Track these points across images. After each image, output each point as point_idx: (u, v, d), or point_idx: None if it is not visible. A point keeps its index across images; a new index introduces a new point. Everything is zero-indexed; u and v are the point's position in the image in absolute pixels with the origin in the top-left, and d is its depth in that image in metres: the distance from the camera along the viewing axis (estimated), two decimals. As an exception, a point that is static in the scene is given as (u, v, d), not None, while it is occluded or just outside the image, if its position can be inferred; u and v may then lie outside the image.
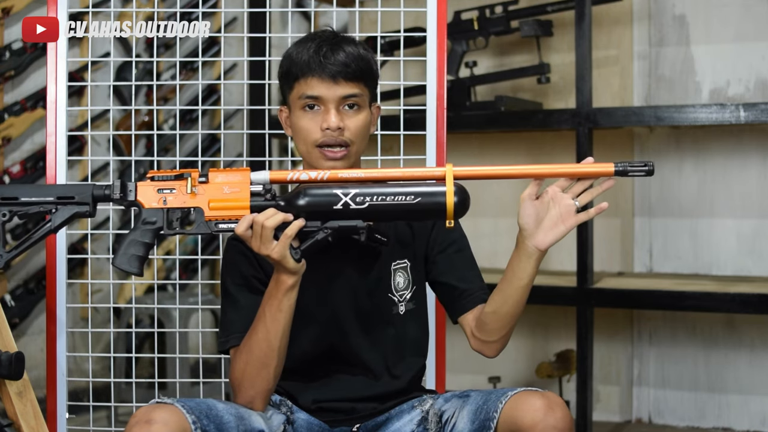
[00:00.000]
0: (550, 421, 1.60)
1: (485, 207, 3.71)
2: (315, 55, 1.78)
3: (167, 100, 4.22)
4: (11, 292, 3.57)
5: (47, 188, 1.71)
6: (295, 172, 1.69)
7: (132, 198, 1.69)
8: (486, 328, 1.80)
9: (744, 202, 3.37)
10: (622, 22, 3.51)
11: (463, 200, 1.65)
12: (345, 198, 1.64)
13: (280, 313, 1.70)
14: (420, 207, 1.64)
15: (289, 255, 1.64)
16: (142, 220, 1.68)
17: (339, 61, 1.77)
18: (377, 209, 1.64)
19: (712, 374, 3.39)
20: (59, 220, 1.69)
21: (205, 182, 1.68)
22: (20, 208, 1.69)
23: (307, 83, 1.78)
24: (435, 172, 1.68)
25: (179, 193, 1.68)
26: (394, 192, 1.64)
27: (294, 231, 1.64)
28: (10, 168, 3.59)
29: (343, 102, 1.78)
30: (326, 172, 1.68)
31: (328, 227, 1.65)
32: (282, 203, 1.66)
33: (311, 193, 1.65)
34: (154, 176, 1.69)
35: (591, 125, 3.08)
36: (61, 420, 2.41)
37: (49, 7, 2.41)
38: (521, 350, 3.64)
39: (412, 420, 1.81)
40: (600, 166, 1.69)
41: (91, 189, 1.69)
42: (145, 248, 1.68)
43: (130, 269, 1.67)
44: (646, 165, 1.66)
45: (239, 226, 1.64)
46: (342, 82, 1.77)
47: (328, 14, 4.53)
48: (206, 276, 4.30)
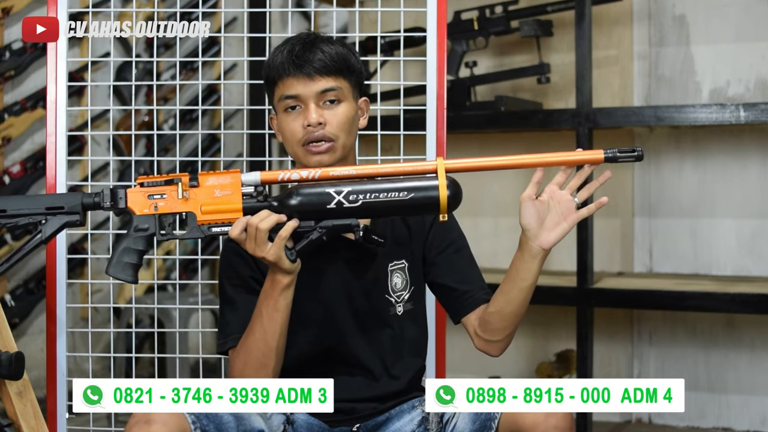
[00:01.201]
0: (551, 422, 1.60)
1: (485, 207, 3.71)
2: (289, 55, 1.79)
3: (167, 100, 4.22)
4: (11, 292, 3.57)
5: (36, 199, 1.69)
6: (286, 172, 1.68)
7: (122, 205, 1.68)
8: (490, 328, 1.80)
9: (744, 202, 3.37)
10: (622, 22, 3.51)
11: (455, 193, 1.64)
12: (338, 197, 1.64)
13: (276, 313, 1.70)
14: (413, 202, 1.64)
15: (284, 256, 1.64)
16: (134, 227, 1.67)
17: (313, 58, 1.77)
18: (371, 206, 1.64)
19: (712, 374, 3.39)
20: (50, 230, 1.67)
21: (196, 186, 1.67)
22: (9, 220, 1.67)
23: (285, 84, 1.79)
24: (426, 166, 1.67)
25: (170, 199, 1.67)
26: (386, 188, 1.64)
27: (288, 232, 1.63)
28: (10, 168, 3.59)
29: (321, 97, 1.78)
30: (317, 170, 1.68)
31: (322, 226, 1.65)
32: (275, 204, 1.66)
33: (304, 192, 1.65)
34: (144, 182, 1.68)
35: (591, 125, 3.08)
36: (61, 420, 2.41)
37: (49, 7, 2.41)
38: (521, 350, 3.64)
39: (413, 420, 1.81)
40: (590, 153, 1.68)
41: (80, 198, 1.68)
42: (139, 255, 1.67)
43: (124, 278, 1.67)
44: (635, 151, 1.66)
45: (233, 229, 1.64)
46: (317, 77, 1.77)
47: (328, 14, 4.54)
48: (206, 276, 4.30)
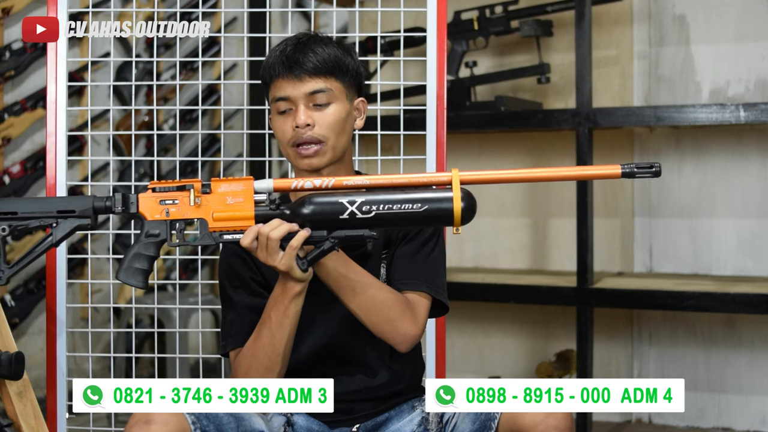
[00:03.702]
0: (551, 422, 1.60)
1: (485, 207, 3.71)
2: (280, 56, 1.79)
3: (167, 100, 4.22)
4: (11, 292, 3.57)
5: (47, 201, 1.68)
6: (300, 180, 1.67)
7: (134, 210, 1.67)
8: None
9: (744, 202, 3.37)
10: (622, 22, 3.51)
11: (470, 206, 1.63)
12: (351, 207, 1.62)
13: (286, 319, 1.70)
14: (427, 214, 1.62)
15: (295, 266, 1.63)
16: (145, 233, 1.66)
17: (302, 59, 1.77)
18: (384, 217, 1.62)
19: (712, 374, 3.39)
20: (60, 234, 1.66)
21: (208, 192, 1.66)
22: (20, 222, 1.67)
23: (276, 86, 1.79)
24: (441, 178, 1.66)
25: (182, 205, 1.66)
26: (400, 199, 1.62)
27: (300, 242, 1.62)
28: (10, 168, 3.58)
29: (311, 99, 1.78)
30: (331, 179, 1.66)
31: (335, 236, 1.63)
32: (287, 212, 1.64)
33: (316, 201, 1.63)
34: (156, 187, 1.67)
35: (591, 125, 3.08)
36: (61, 420, 2.41)
37: (49, 7, 2.41)
38: (521, 350, 3.64)
39: (413, 420, 1.81)
40: (607, 168, 1.67)
41: (92, 202, 1.67)
42: (149, 261, 1.66)
43: (134, 284, 1.65)
44: (653, 167, 1.64)
45: (245, 238, 1.63)
46: (306, 78, 1.77)
47: (328, 14, 4.54)
48: (206, 276, 4.30)
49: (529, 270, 3.63)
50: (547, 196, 3.63)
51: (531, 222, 3.68)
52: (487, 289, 3.22)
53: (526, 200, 3.68)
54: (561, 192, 3.57)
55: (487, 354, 3.66)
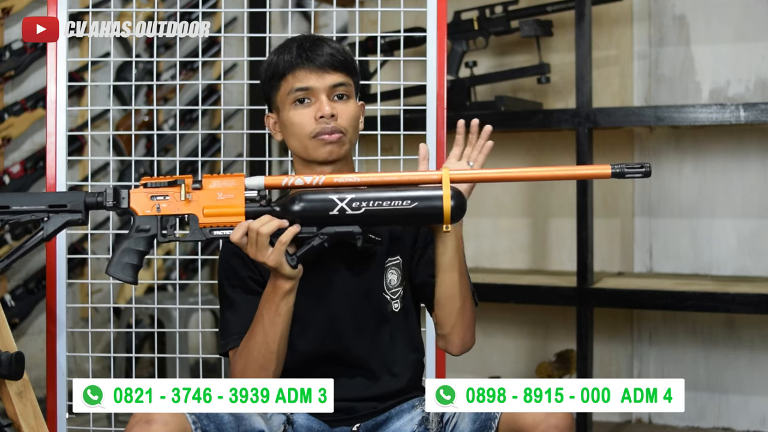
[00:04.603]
0: (552, 421, 1.60)
1: (485, 207, 3.71)
2: (299, 50, 1.79)
3: (167, 100, 4.22)
4: (11, 292, 3.57)
5: (39, 196, 1.69)
6: (290, 177, 1.68)
7: (125, 205, 1.68)
8: (436, 321, 1.81)
9: (744, 202, 3.37)
10: (622, 22, 3.51)
11: (459, 204, 1.65)
12: (341, 203, 1.64)
13: (278, 317, 1.70)
14: (416, 212, 1.64)
15: (285, 261, 1.64)
16: (136, 228, 1.67)
17: (324, 52, 1.79)
18: (373, 214, 1.64)
19: (712, 374, 3.39)
20: (51, 228, 1.67)
21: (199, 188, 1.67)
22: (12, 216, 1.67)
23: (296, 77, 1.79)
24: (432, 176, 1.67)
25: (173, 200, 1.67)
26: (390, 197, 1.64)
27: (289, 238, 1.63)
28: (10, 168, 3.59)
29: (332, 91, 1.79)
30: (321, 176, 1.68)
31: (324, 233, 1.65)
32: (277, 209, 1.66)
33: (306, 198, 1.65)
34: (147, 183, 1.68)
35: (591, 125, 3.08)
36: (61, 420, 2.41)
37: (49, 7, 2.41)
38: (521, 350, 3.64)
39: (413, 420, 1.81)
40: (597, 168, 1.69)
41: (83, 197, 1.68)
42: (139, 256, 1.67)
43: (124, 278, 1.67)
44: (643, 167, 1.66)
45: (234, 233, 1.64)
46: (330, 71, 1.79)
47: (328, 14, 4.54)
48: (206, 276, 4.30)
49: (529, 270, 3.63)
50: (547, 196, 3.64)
51: (531, 222, 3.68)
52: (487, 289, 3.21)
53: (526, 200, 3.68)
54: (561, 192, 3.57)
55: (487, 354, 3.66)
